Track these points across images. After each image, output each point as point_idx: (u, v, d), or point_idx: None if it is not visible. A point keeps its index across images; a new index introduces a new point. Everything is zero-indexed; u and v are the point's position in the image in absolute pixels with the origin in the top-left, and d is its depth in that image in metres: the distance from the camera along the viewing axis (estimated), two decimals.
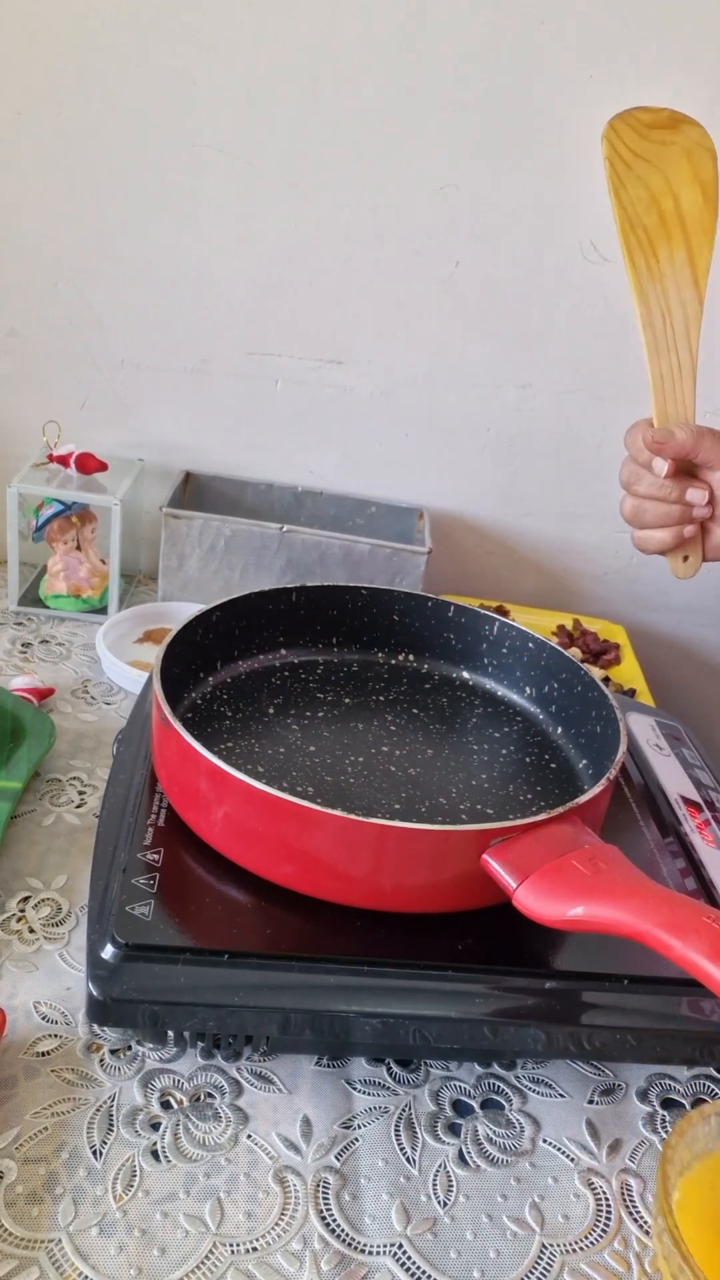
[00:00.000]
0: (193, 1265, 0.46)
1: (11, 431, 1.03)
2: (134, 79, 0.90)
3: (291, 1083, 0.55)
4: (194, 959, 0.51)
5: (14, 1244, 0.45)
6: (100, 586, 1.01)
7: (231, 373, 1.03)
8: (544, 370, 1.03)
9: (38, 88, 0.90)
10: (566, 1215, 0.50)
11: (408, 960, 0.53)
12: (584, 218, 0.96)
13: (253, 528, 0.96)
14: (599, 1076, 0.58)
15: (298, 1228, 0.48)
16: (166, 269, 0.98)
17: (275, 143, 0.93)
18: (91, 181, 0.94)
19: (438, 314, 1.00)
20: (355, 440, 1.07)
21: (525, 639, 0.73)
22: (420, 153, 0.93)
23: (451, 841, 0.52)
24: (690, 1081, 0.59)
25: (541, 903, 0.49)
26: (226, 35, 0.89)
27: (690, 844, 0.65)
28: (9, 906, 0.63)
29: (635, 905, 0.47)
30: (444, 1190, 0.51)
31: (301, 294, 0.99)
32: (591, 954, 0.55)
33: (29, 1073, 0.53)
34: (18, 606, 1.00)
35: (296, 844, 0.53)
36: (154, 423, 1.05)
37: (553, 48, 0.89)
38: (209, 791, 0.54)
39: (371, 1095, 0.55)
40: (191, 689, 0.69)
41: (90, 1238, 0.46)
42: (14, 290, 0.98)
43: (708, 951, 0.43)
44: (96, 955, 0.51)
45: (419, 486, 1.09)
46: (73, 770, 0.77)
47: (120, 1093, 0.53)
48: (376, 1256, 0.47)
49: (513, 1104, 0.56)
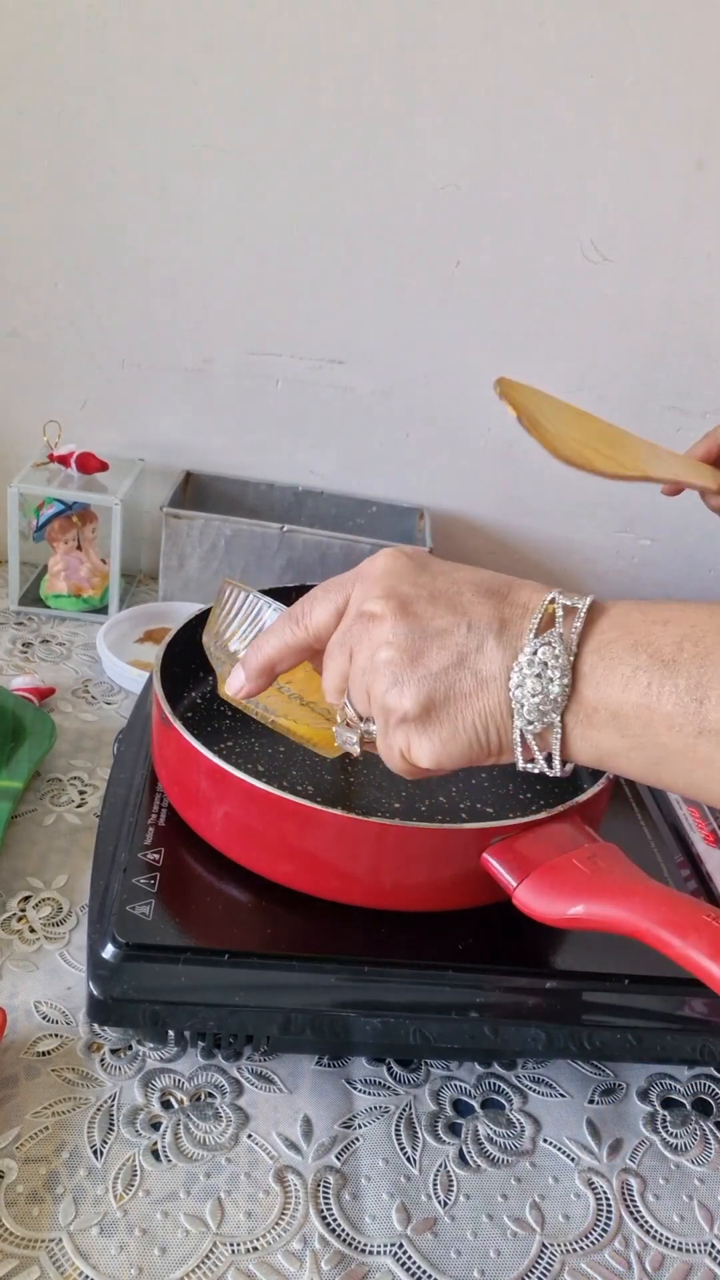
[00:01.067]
0: (193, 1265, 0.46)
1: (12, 431, 1.03)
2: (134, 79, 0.90)
3: (292, 1082, 0.55)
4: (194, 958, 0.51)
5: (14, 1243, 0.45)
6: (101, 586, 1.01)
7: (232, 373, 1.03)
8: (544, 370, 1.03)
9: (38, 88, 0.90)
10: (567, 1215, 0.50)
11: (408, 959, 0.53)
12: (584, 218, 0.96)
13: (253, 527, 0.96)
14: (599, 1076, 0.58)
15: (298, 1227, 0.48)
16: (166, 269, 0.98)
17: (275, 143, 0.93)
18: (91, 181, 0.94)
19: (438, 314, 1.00)
20: (356, 440, 1.07)
21: None
22: (420, 153, 0.93)
23: (451, 840, 0.52)
24: (690, 1081, 0.58)
25: (542, 901, 0.49)
26: (226, 35, 0.89)
27: (690, 843, 0.65)
28: (9, 906, 0.63)
29: (635, 903, 0.46)
30: (444, 1190, 0.51)
31: (302, 294, 0.99)
32: (592, 953, 0.55)
33: (30, 1072, 0.53)
34: (18, 606, 1.00)
35: (297, 843, 0.53)
36: (154, 423, 1.05)
37: (553, 48, 0.89)
38: (209, 791, 0.54)
39: (372, 1095, 0.55)
40: (192, 688, 0.69)
41: (91, 1237, 0.46)
42: (15, 290, 0.98)
43: (708, 950, 0.43)
44: (97, 955, 0.51)
45: (420, 486, 1.09)
46: (73, 770, 0.77)
47: (121, 1092, 0.53)
48: (377, 1256, 0.47)
49: (513, 1104, 0.56)
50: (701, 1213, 0.51)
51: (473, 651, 0.41)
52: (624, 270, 0.99)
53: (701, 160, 0.94)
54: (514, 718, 0.40)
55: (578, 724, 0.40)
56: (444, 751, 0.42)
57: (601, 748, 0.40)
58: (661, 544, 1.13)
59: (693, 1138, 0.55)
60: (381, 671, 0.42)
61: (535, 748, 0.41)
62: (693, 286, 0.99)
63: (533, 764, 0.42)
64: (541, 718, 0.40)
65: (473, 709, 0.41)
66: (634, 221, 0.96)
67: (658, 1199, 0.52)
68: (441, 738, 0.41)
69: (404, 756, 0.43)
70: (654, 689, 0.37)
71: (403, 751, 0.43)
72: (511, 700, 0.40)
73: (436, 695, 0.41)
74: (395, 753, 0.43)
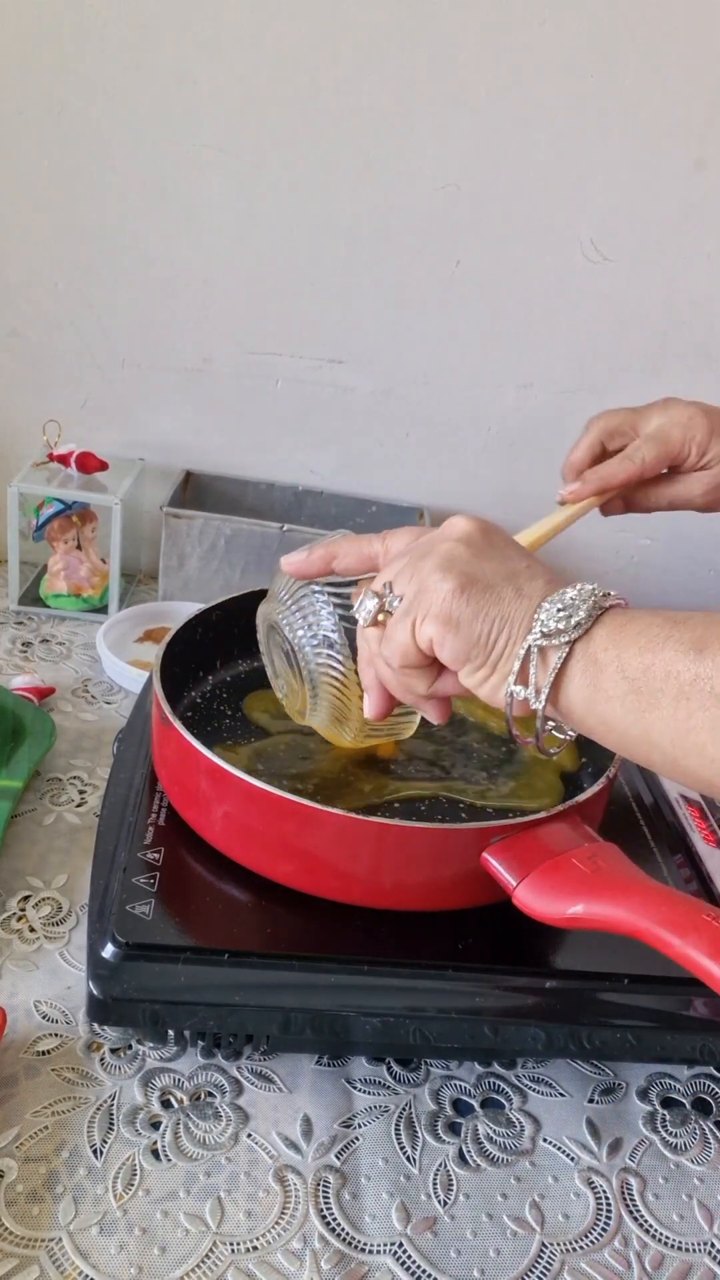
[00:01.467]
0: (193, 1264, 0.46)
1: (12, 431, 1.03)
2: (134, 79, 0.90)
3: (292, 1082, 0.55)
4: (194, 958, 0.51)
5: (14, 1243, 0.46)
6: (100, 586, 1.01)
7: (232, 372, 1.03)
8: (544, 370, 1.03)
9: (38, 88, 0.90)
10: (567, 1214, 0.50)
11: (408, 959, 0.53)
12: (584, 217, 0.96)
13: (253, 527, 0.96)
14: (599, 1075, 0.58)
15: (298, 1227, 0.48)
16: (166, 269, 0.98)
17: (275, 143, 0.93)
18: (91, 181, 0.94)
19: (438, 313, 1.00)
20: (356, 439, 1.07)
21: None
22: (420, 153, 0.93)
23: (451, 840, 0.52)
24: (690, 1081, 0.59)
25: (541, 901, 0.49)
26: (226, 35, 0.89)
27: (690, 843, 0.65)
28: (9, 906, 0.63)
29: (635, 903, 0.46)
30: (444, 1189, 0.51)
31: (302, 294, 0.99)
32: (592, 953, 0.55)
33: (29, 1072, 0.53)
34: (18, 606, 1.00)
35: (297, 843, 0.53)
36: (154, 422, 1.05)
37: (553, 47, 0.89)
38: (209, 790, 0.54)
39: (372, 1094, 0.55)
40: (191, 688, 0.69)
41: (91, 1236, 0.46)
42: (15, 290, 0.98)
43: (707, 949, 0.43)
44: (97, 954, 0.51)
45: (419, 486, 1.09)
46: (73, 769, 0.77)
47: (120, 1092, 0.53)
48: (377, 1255, 0.47)
49: (513, 1103, 0.56)
50: (701, 1212, 0.51)
51: (523, 575, 0.46)
52: (624, 270, 0.99)
53: (702, 160, 0.94)
54: (529, 632, 0.43)
55: (584, 655, 0.42)
56: (454, 633, 0.44)
57: (599, 685, 0.42)
58: (661, 544, 1.13)
59: (692, 1137, 0.55)
60: (439, 555, 0.45)
61: (532, 669, 0.43)
62: (693, 286, 0.99)
63: (522, 688, 0.43)
64: (554, 637, 0.42)
65: (499, 609, 0.44)
66: (634, 221, 0.96)
67: (657, 1198, 0.52)
68: (460, 618, 0.44)
69: (413, 630, 0.45)
70: (662, 636, 0.41)
71: (415, 624, 0.45)
72: (534, 618, 0.43)
73: (476, 585, 0.44)
74: (406, 626, 0.45)
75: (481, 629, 0.44)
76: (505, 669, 0.44)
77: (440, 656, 0.45)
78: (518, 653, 0.43)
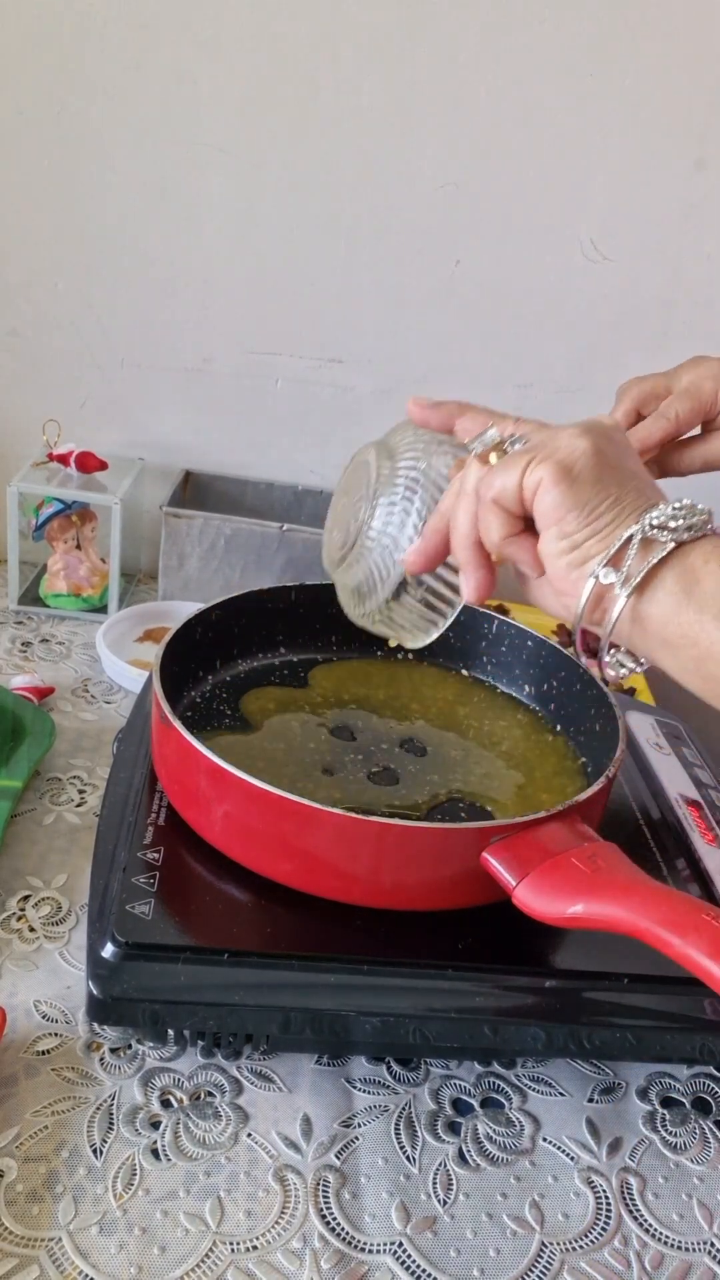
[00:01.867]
0: (193, 1264, 0.46)
1: (12, 431, 1.03)
2: (134, 79, 0.90)
3: (291, 1081, 0.55)
4: (194, 958, 0.51)
5: (14, 1242, 0.46)
6: (100, 585, 1.01)
7: (232, 372, 1.03)
8: (544, 370, 1.03)
9: (38, 88, 0.90)
10: (566, 1214, 0.50)
11: (408, 959, 0.53)
12: (584, 217, 0.96)
13: (253, 527, 0.96)
14: (599, 1075, 0.58)
15: (298, 1226, 0.48)
16: (166, 269, 0.98)
17: (275, 143, 0.93)
18: (91, 181, 0.94)
19: (438, 313, 1.00)
20: (356, 439, 1.06)
21: (525, 637, 0.73)
22: (420, 152, 0.93)
23: (451, 840, 0.52)
24: (690, 1080, 0.59)
25: (541, 900, 0.49)
26: (226, 35, 0.89)
27: (690, 843, 0.65)
28: (9, 905, 0.63)
29: (635, 902, 0.46)
30: (444, 1189, 0.51)
31: (302, 293, 0.99)
32: (591, 952, 0.55)
33: (29, 1071, 0.53)
34: (18, 605, 1.00)
35: (296, 842, 0.53)
36: (154, 422, 1.05)
37: (553, 46, 0.89)
38: (209, 790, 0.54)
39: (371, 1094, 0.55)
40: (191, 688, 0.69)
41: (90, 1236, 0.46)
42: (15, 290, 0.98)
43: (707, 949, 0.43)
44: (97, 954, 0.51)
45: None
46: (73, 769, 0.77)
47: (120, 1091, 0.53)
48: (376, 1255, 0.47)
49: (513, 1102, 0.56)
50: (701, 1211, 0.51)
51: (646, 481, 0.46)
52: (624, 270, 0.99)
53: (702, 160, 0.94)
54: (638, 521, 0.43)
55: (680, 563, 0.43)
56: (566, 485, 0.43)
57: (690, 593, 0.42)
58: None
59: (692, 1136, 0.55)
60: (582, 424, 0.46)
61: (630, 556, 0.43)
62: (693, 286, 0.99)
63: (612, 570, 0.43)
64: (663, 531, 0.42)
65: (619, 490, 0.44)
66: (634, 221, 0.96)
67: (657, 1198, 0.52)
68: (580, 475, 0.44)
69: (525, 469, 0.44)
70: None
71: (529, 464, 0.44)
72: (647, 513, 0.43)
73: (607, 460, 0.44)
74: (519, 463, 0.45)
75: (594, 496, 0.43)
76: (600, 547, 0.44)
77: (539, 504, 0.44)
78: (620, 534, 0.43)
